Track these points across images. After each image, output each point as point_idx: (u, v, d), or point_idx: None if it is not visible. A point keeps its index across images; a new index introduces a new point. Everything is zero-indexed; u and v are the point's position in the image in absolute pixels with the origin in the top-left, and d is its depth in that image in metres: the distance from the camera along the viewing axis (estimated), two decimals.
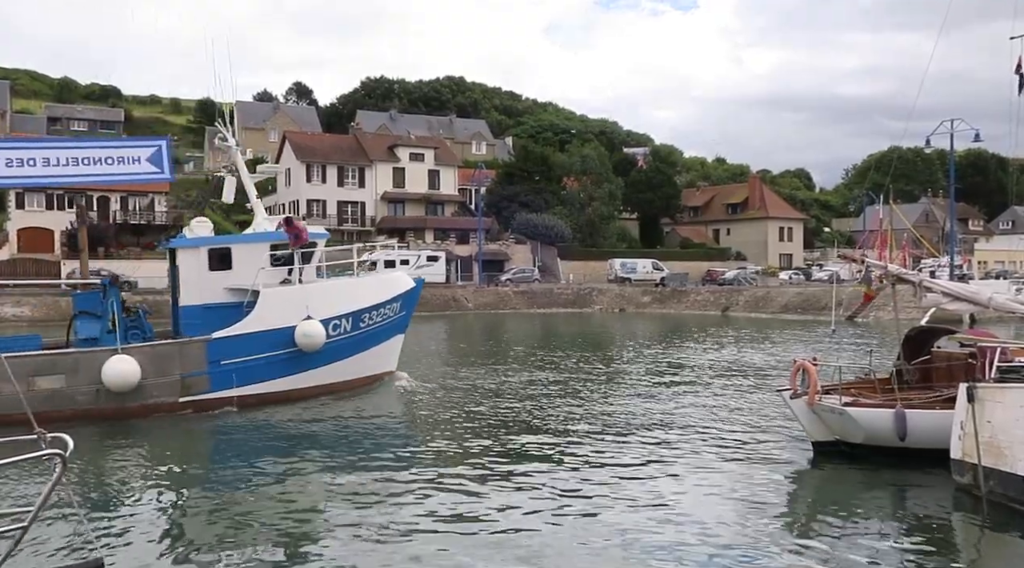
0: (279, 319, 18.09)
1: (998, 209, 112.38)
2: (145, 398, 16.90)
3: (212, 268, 18.65)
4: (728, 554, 8.94)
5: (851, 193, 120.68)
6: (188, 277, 18.84)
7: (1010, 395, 10.25)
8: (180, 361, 17.41)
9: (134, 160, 18.85)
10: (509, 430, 15.72)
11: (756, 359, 28.06)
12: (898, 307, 15.08)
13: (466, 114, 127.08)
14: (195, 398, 17.45)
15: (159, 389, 17.07)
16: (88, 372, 16.50)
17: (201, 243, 19.03)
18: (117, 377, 16.38)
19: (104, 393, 16.55)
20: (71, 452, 6.11)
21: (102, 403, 16.58)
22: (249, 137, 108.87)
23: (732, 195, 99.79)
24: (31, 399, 14.71)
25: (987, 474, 10.22)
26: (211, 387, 17.58)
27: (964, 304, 12.86)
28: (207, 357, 17.58)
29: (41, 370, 16.35)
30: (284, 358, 18.30)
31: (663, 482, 11.90)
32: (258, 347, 17.96)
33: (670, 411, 17.78)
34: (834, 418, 12.59)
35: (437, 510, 10.49)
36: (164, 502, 11.23)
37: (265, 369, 18.12)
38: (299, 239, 18.91)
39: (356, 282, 20.72)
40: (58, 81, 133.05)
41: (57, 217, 64.87)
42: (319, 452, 14.02)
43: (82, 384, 16.50)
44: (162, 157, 19.02)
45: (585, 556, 8.92)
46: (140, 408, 16.80)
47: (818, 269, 78.08)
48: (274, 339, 18.11)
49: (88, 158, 18.64)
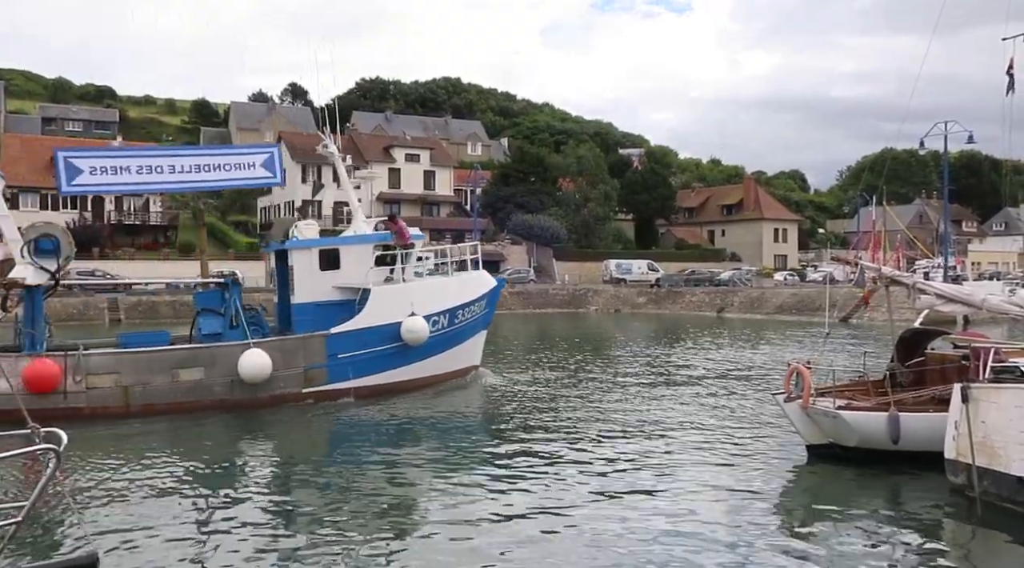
0: (387, 315, 19.26)
1: (991, 211, 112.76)
2: (273, 389, 18.07)
3: (322, 268, 19.72)
4: (722, 556, 8.96)
5: (845, 194, 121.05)
6: (301, 276, 19.85)
7: (1004, 395, 10.30)
8: (303, 354, 18.66)
9: (250, 166, 20.11)
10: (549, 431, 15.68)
11: (751, 360, 28.11)
12: (892, 309, 15.13)
13: (461, 115, 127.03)
14: (316, 389, 18.67)
15: (285, 380, 18.28)
16: (224, 365, 17.69)
17: (313, 244, 20.19)
18: (253, 369, 17.52)
19: (238, 384, 17.69)
20: (65, 446, 6.09)
21: (236, 394, 17.77)
22: (244, 137, 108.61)
23: (727, 196, 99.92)
24: (175, 389, 17.24)
25: (981, 474, 10.26)
26: (329, 379, 18.84)
27: (958, 306, 12.91)
28: (326, 351, 18.82)
29: (183, 363, 17.58)
30: (391, 352, 19.52)
31: (655, 483, 11.92)
32: (370, 341, 19.19)
33: (664, 413, 17.79)
34: (828, 421, 12.63)
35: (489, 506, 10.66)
36: (200, 496, 11.27)
37: (375, 362, 19.32)
38: (402, 236, 19.99)
39: (450, 281, 21.62)
40: (52, 81, 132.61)
41: (52, 218, 64.50)
42: (426, 442, 15.05)
43: (219, 376, 17.69)
44: (274, 162, 20.30)
45: (576, 555, 8.93)
46: (269, 398, 18.01)
47: (812, 270, 78.24)
48: (383, 334, 19.28)
49: (210, 165, 19.92)
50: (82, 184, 19.18)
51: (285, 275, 20.71)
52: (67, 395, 16.33)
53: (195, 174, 19.77)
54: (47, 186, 65.82)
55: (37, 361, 16.35)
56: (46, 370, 16.19)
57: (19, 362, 16.28)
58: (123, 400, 16.82)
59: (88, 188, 19.98)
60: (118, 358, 17.29)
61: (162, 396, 17.16)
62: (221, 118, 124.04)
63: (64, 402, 16.24)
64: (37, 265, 17.14)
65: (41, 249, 17.21)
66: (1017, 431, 9.94)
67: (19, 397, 7.38)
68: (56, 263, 17.29)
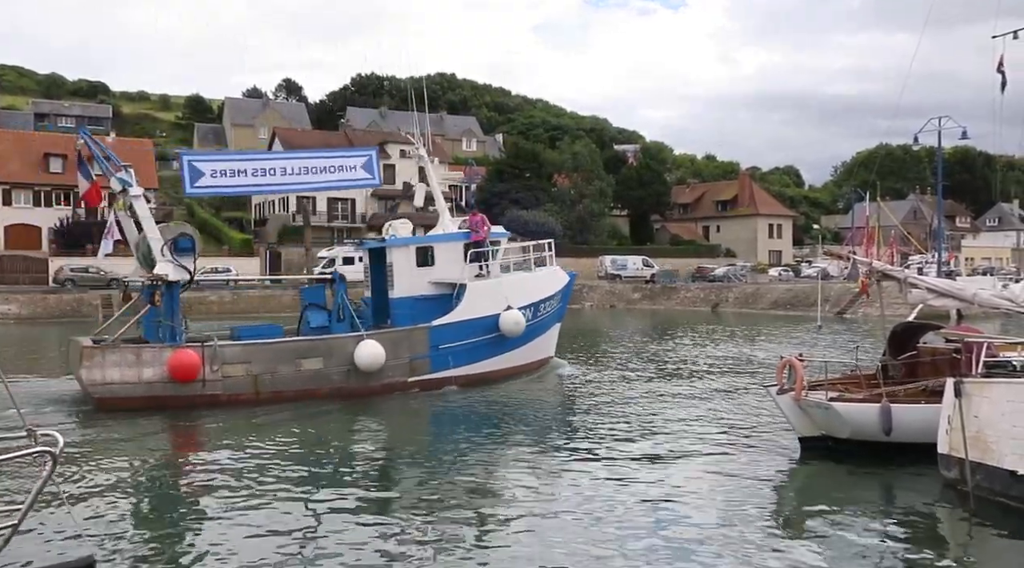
0: (483, 308, 20.41)
1: (985, 206, 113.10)
2: (383, 378, 19.12)
3: (418, 264, 20.79)
4: (714, 549, 8.97)
5: (840, 190, 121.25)
6: (400, 272, 20.79)
7: (997, 390, 10.32)
8: (408, 345, 19.70)
9: (351, 168, 21.24)
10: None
11: (745, 355, 28.17)
12: (884, 303, 15.17)
13: (456, 111, 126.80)
14: (420, 378, 19.78)
15: (394, 370, 19.30)
16: (340, 355, 18.76)
17: (410, 242, 21.29)
18: (369, 359, 18.57)
19: (353, 373, 18.76)
20: (61, 449, 6.06)
21: (351, 382, 18.85)
22: (238, 133, 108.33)
23: (722, 192, 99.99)
24: (298, 378, 18.38)
25: (974, 469, 10.28)
26: (432, 368, 19.95)
27: (949, 300, 12.93)
28: (429, 342, 19.88)
29: (305, 353, 18.67)
30: (485, 343, 20.65)
31: (648, 476, 11.94)
32: (467, 333, 20.32)
33: (658, 406, 17.84)
34: (820, 413, 12.65)
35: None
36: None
37: (472, 353, 20.48)
38: (477, 232, 20.95)
39: (534, 276, 22.69)
40: (45, 77, 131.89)
41: (45, 214, 64.39)
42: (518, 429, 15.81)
43: (336, 365, 18.74)
44: (372, 164, 21.41)
45: (566, 547, 8.94)
46: (380, 387, 19.10)
47: (807, 266, 78.37)
48: (479, 326, 20.43)
49: (316, 168, 21.04)
50: (204, 186, 20.26)
51: (379, 271, 21.71)
52: (205, 383, 17.50)
53: (303, 176, 20.93)
54: (40, 182, 65.62)
55: (180, 352, 17.41)
56: (188, 360, 17.27)
57: (163, 352, 17.51)
58: (253, 388, 17.98)
59: (210, 189, 21.16)
60: (248, 349, 18.47)
61: (287, 384, 18.32)
62: (215, 114, 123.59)
63: (202, 390, 17.44)
64: (176, 263, 18.26)
65: (180, 248, 18.40)
66: (1010, 425, 9.97)
67: (14, 399, 7.33)
68: (193, 261, 18.53)
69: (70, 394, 19.04)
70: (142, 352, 17.56)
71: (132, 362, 17.26)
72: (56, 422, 15.63)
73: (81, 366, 17.08)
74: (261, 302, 55.54)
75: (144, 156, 73.47)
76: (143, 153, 73.93)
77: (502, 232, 22.72)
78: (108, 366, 17.13)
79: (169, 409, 16.92)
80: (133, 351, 17.57)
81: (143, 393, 17.08)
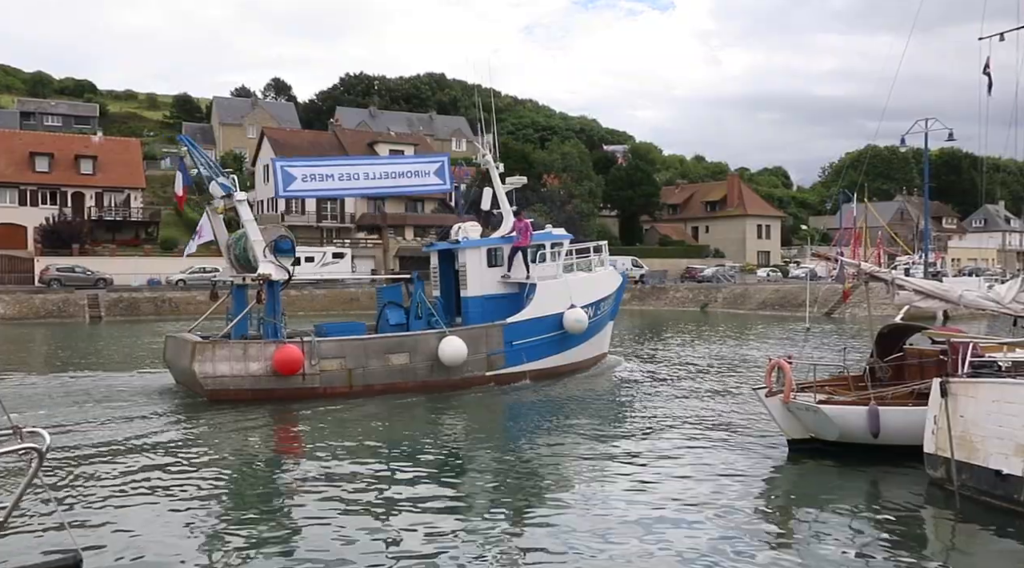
0: (551, 307, 21.48)
1: (971, 208, 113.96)
2: (463, 372, 20.18)
3: (489, 265, 21.87)
4: (704, 551, 8.99)
5: (828, 191, 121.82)
6: (472, 273, 21.76)
7: (982, 390, 10.39)
8: (486, 342, 20.73)
9: (425, 173, 22.40)
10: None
11: (733, 355, 28.26)
12: (871, 304, 15.26)
13: (446, 111, 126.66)
14: (496, 373, 20.86)
15: (473, 365, 20.37)
16: (425, 350, 19.83)
17: (482, 244, 22.18)
18: (452, 354, 19.64)
19: (436, 367, 19.82)
20: (47, 447, 6.01)
21: (435, 376, 19.89)
22: (227, 133, 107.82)
23: (711, 193, 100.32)
24: (387, 372, 19.49)
25: (960, 468, 10.36)
26: (506, 363, 20.99)
27: (935, 301, 13.01)
28: (504, 338, 20.92)
29: (393, 349, 19.74)
30: (552, 340, 21.74)
31: (636, 479, 11.95)
32: (538, 330, 21.43)
33: (645, 408, 17.86)
34: (808, 416, 12.71)
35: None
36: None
37: (541, 348, 21.53)
38: (522, 236, 21.69)
39: (593, 276, 23.86)
40: (31, 75, 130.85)
41: (30, 213, 63.87)
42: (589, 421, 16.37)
43: (421, 360, 19.82)
44: (444, 171, 22.62)
45: (554, 549, 8.95)
46: (460, 381, 20.13)
47: (795, 267, 78.74)
48: (548, 323, 21.51)
49: (395, 173, 22.42)
50: (296, 189, 21.45)
51: (447, 272, 22.71)
52: (305, 377, 18.56)
53: (384, 180, 22.26)
54: (26, 181, 65.13)
55: (285, 347, 18.45)
56: (292, 355, 18.32)
57: (267, 348, 18.54)
58: (347, 381, 19.06)
59: (300, 192, 22.53)
60: (343, 344, 19.50)
61: (377, 378, 19.38)
62: (203, 113, 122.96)
63: (302, 383, 18.54)
64: (277, 263, 19.31)
65: (280, 248, 19.50)
66: (995, 425, 10.05)
67: (2, 405, 7.26)
68: (292, 261, 19.81)
69: (165, 387, 20.38)
70: (249, 347, 18.61)
71: (240, 357, 18.36)
72: (172, 413, 17.24)
73: (195, 360, 18.08)
74: None
75: (131, 155, 73.11)
76: (130, 152, 73.56)
77: (564, 234, 23.74)
78: (219, 360, 18.25)
79: (273, 401, 18.03)
80: (241, 346, 18.65)
81: (250, 386, 18.25)
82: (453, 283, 22.38)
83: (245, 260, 20.17)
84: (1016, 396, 9.95)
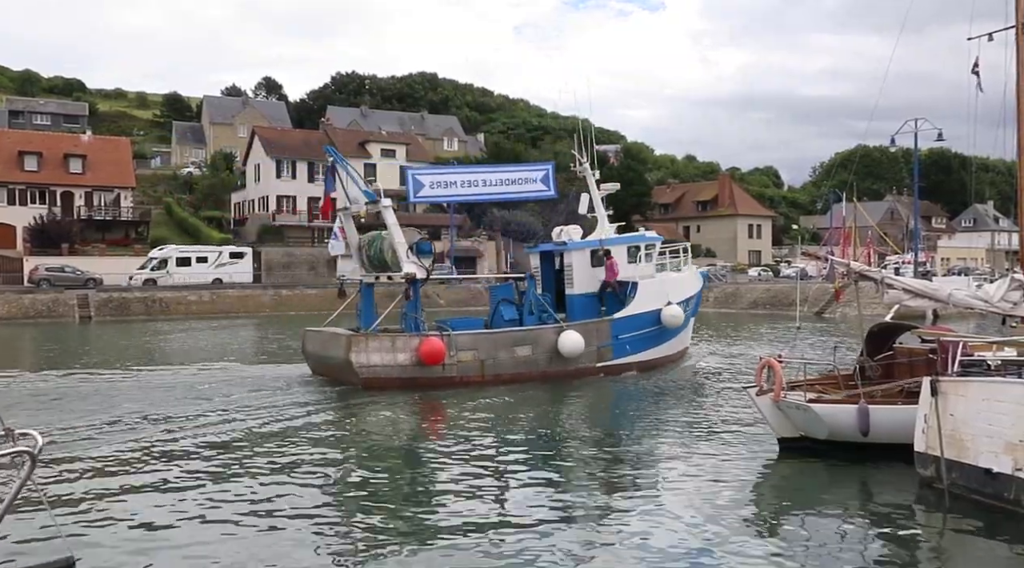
0: (650, 304, 23.03)
1: (961, 207, 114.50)
2: (577, 363, 21.64)
3: (593, 265, 23.17)
4: (693, 549, 9.00)
5: (818, 191, 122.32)
6: (578, 272, 23.07)
7: (972, 389, 10.43)
8: (597, 335, 22.15)
9: (533, 180, 24.13)
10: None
11: (724, 354, 28.33)
12: (861, 304, 15.30)
13: (438, 111, 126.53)
14: (605, 364, 22.43)
15: (586, 357, 21.82)
16: (545, 343, 21.40)
17: (586, 245, 23.53)
18: (571, 346, 21.20)
19: (554, 359, 21.36)
20: (40, 449, 5.96)
21: (553, 367, 21.44)
22: (217, 132, 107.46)
23: (702, 192, 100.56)
24: (513, 362, 21.08)
25: (950, 467, 10.40)
26: (613, 356, 22.56)
27: (924, 300, 13.05)
28: (611, 332, 22.41)
29: (518, 342, 21.33)
30: (651, 334, 23.35)
31: (624, 476, 11.99)
32: (639, 325, 22.96)
33: (636, 407, 17.89)
34: (799, 414, 12.74)
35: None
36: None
37: (642, 342, 23.15)
38: (609, 273, 22.89)
39: (683, 275, 25.48)
40: (19, 74, 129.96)
41: (19, 212, 63.47)
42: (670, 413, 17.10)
43: (542, 352, 21.36)
44: (549, 178, 24.30)
45: (545, 550, 8.95)
46: (575, 371, 21.60)
47: (786, 266, 79.02)
48: (648, 319, 23.13)
49: (508, 180, 24.16)
50: (425, 195, 23.53)
51: (548, 271, 24.05)
52: (445, 367, 20.28)
53: (498, 187, 24.06)
54: (14, 180, 64.70)
55: (429, 339, 20.18)
56: (437, 347, 20.05)
57: (412, 340, 20.24)
58: (480, 371, 20.72)
59: (430, 198, 24.51)
60: (476, 337, 21.26)
61: (504, 368, 21.01)
62: (194, 112, 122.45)
63: (442, 372, 20.22)
64: (419, 264, 20.95)
65: (421, 250, 21.54)
66: (985, 424, 10.09)
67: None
68: (431, 262, 21.69)
69: (304, 377, 22.10)
70: (396, 340, 20.37)
71: (389, 348, 20.13)
72: (336, 399, 19.01)
73: (351, 351, 19.84)
74: (239, 302, 55.17)
75: (121, 154, 72.71)
76: (120, 152, 73.15)
77: (656, 236, 25.41)
78: (371, 351, 20.01)
79: (416, 388, 19.69)
80: (389, 339, 20.44)
81: (398, 374, 19.97)
82: (553, 281, 23.79)
83: (379, 261, 21.91)
84: (1005, 395, 9.99)
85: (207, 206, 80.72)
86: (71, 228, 61.71)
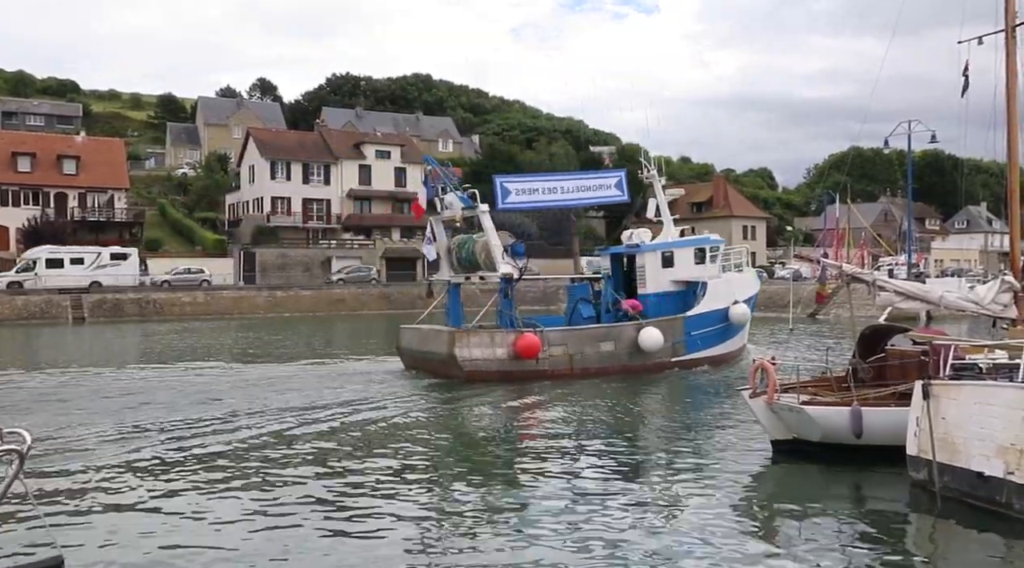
0: (718, 302, 24.39)
1: (954, 209, 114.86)
2: (655, 358, 23.06)
3: (663, 266, 24.56)
4: (686, 551, 9.00)
5: (812, 192, 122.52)
6: (650, 273, 24.46)
7: (964, 392, 10.45)
8: (672, 332, 23.48)
9: (607, 186, 25.47)
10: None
11: None
12: (853, 306, 15.33)
13: (432, 112, 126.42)
14: (680, 359, 23.70)
15: (662, 352, 23.17)
16: (625, 339, 22.87)
17: (657, 248, 24.92)
18: (651, 342, 22.61)
19: (634, 354, 22.80)
20: (28, 447, 5.93)
21: (633, 361, 22.88)
22: (212, 133, 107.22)
23: (697, 194, 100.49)
24: (598, 357, 22.51)
25: (942, 470, 10.41)
26: (687, 351, 23.89)
27: (916, 302, 13.10)
28: (684, 329, 23.77)
29: (602, 338, 22.82)
30: (718, 331, 24.67)
31: (618, 478, 11.99)
32: (709, 322, 24.29)
33: (629, 408, 17.89)
34: (792, 416, 12.76)
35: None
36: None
37: (710, 338, 24.42)
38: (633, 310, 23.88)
39: (744, 276, 26.80)
40: (12, 75, 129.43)
41: (12, 213, 63.28)
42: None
43: (623, 347, 22.84)
44: (622, 183, 25.62)
45: (537, 552, 8.94)
46: (652, 365, 23.05)
47: (780, 267, 79.15)
48: (716, 317, 24.44)
49: (585, 186, 25.60)
50: (512, 202, 24.64)
51: (617, 272, 25.36)
52: (539, 360, 21.62)
53: (576, 193, 25.39)
54: (7, 182, 64.47)
55: (525, 335, 21.65)
56: (534, 342, 21.54)
57: (508, 336, 21.78)
58: (568, 365, 22.14)
59: (516, 205, 25.62)
60: (565, 333, 22.68)
61: (591, 362, 22.38)
62: (188, 114, 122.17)
63: (536, 365, 21.62)
64: (513, 265, 22.57)
65: (516, 252, 23.30)
66: (977, 427, 10.10)
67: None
68: (524, 263, 23.41)
69: (398, 371, 23.58)
70: (495, 335, 21.93)
71: (488, 343, 21.61)
72: (436, 390, 20.35)
73: (455, 346, 21.34)
74: (234, 303, 55.07)
75: (115, 156, 72.52)
76: (114, 153, 72.97)
77: (719, 239, 26.63)
78: (473, 346, 21.50)
79: (514, 381, 20.93)
80: (488, 334, 22.02)
81: (496, 368, 21.38)
82: (623, 282, 24.99)
83: (469, 262, 23.47)
84: (997, 398, 10.01)
85: (201, 207, 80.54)
86: (64, 229, 61.52)
